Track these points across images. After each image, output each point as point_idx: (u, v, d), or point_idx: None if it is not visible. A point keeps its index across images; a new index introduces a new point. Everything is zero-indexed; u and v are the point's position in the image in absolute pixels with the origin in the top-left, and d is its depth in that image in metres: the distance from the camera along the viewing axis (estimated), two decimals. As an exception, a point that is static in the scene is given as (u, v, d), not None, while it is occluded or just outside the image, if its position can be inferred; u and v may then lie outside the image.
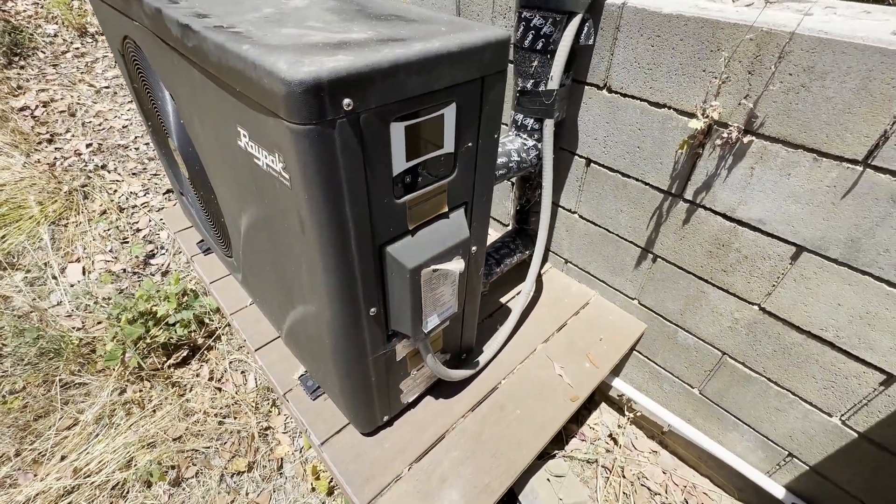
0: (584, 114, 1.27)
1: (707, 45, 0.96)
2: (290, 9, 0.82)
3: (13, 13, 3.80)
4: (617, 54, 1.11)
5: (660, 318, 1.41)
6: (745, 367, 1.25)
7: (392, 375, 1.03)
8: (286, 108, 0.55)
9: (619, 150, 1.24)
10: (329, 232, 0.68)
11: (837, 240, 0.94)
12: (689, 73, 1.01)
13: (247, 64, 0.58)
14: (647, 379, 1.57)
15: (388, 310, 0.87)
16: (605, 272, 1.51)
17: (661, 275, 1.33)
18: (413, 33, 0.69)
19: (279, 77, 0.53)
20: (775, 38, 0.86)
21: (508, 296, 1.58)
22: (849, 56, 0.80)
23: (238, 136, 0.74)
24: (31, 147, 2.72)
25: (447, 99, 0.71)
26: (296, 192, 0.65)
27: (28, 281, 2.05)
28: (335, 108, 0.56)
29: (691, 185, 1.13)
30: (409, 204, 0.76)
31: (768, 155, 0.97)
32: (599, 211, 1.40)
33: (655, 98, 1.10)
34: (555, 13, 1.00)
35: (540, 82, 1.11)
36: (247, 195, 0.87)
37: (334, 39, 0.65)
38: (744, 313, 1.18)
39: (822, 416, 1.14)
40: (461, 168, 0.81)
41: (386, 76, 0.59)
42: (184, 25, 0.72)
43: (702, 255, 1.20)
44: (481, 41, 0.70)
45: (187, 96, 0.91)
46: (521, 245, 1.48)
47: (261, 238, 0.94)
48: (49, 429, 1.61)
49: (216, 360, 1.87)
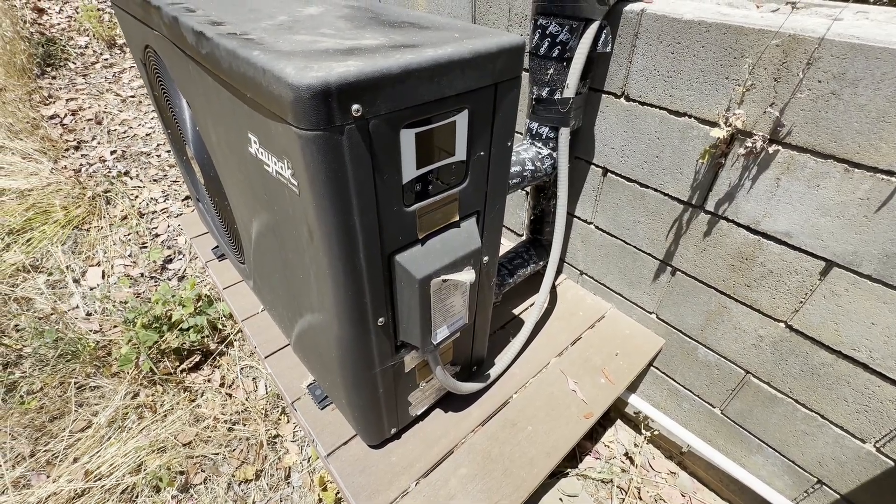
0: (600, 122, 1.24)
1: (730, 52, 0.93)
2: (305, 16, 0.82)
3: (48, 26, 3.97)
4: (635, 62, 1.09)
5: (679, 333, 1.36)
6: (770, 387, 1.19)
7: (400, 387, 1.01)
8: (294, 113, 0.54)
9: (637, 159, 1.21)
10: (337, 240, 0.66)
11: (871, 255, 0.89)
12: (711, 80, 0.98)
13: (256, 69, 0.58)
14: (666, 396, 1.51)
15: (397, 320, 0.86)
16: (621, 285, 1.47)
17: (681, 288, 1.28)
18: (425, 39, 0.68)
19: (287, 82, 0.52)
20: (803, 44, 0.83)
21: (521, 307, 1.55)
22: (883, 62, 0.76)
23: (249, 142, 0.74)
24: (58, 153, 2.81)
25: (459, 106, 0.69)
26: (304, 200, 0.64)
27: (50, 283, 2.10)
28: (344, 113, 0.55)
29: (713, 195, 1.09)
30: (420, 212, 0.74)
31: (796, 165, 0.92)
32: (616, 221, 1.36)
33: (675, 106, 1.06)
34: (571, 20, 0.98)
35: (556, 90, 1.09)
36: (257, 202, 0.87)
37: (345, 45, 0.64)
38: (769, 330, 1.13)
39: (855, 441, 1.08)
40: (473, 176, 0.80)
41: (396, 82, 0.58)
42: (198, 33, 0.72)
43: (724, 269, 1.15)
44: (495, 47, 0.68)
45: (202, 103, 0.92)
46: (534, 255, 1.45)
47: (270, 245, 0.93)
48: (63, 430, 1.62)
49: (228, 365, 1.87)
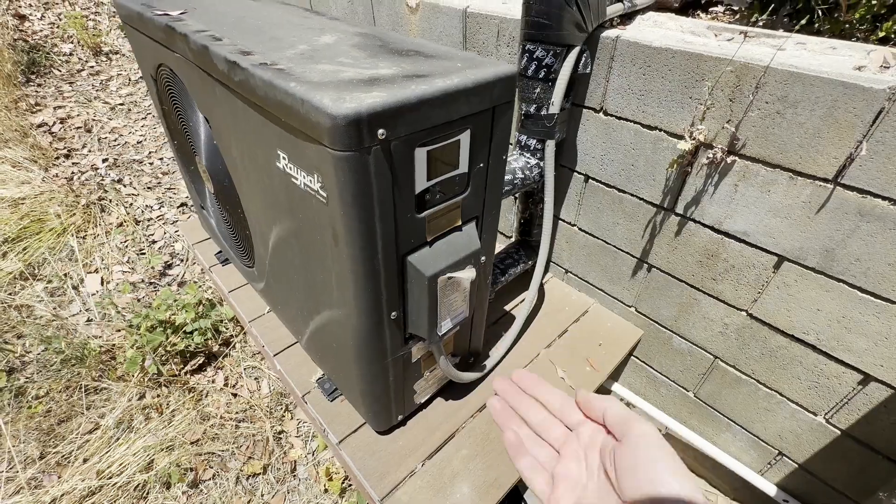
0: (582, 134, 1.37)
1: (692, 75, 1.07)
2: (321, 45, 0.93)
3: (30, 33, 3.94)
4: (612, 81, 1.22)
5: (655, 324, 1.50)
6: (735, 369, 1.33)
7: (408, 376, 1.11)
8: (330, 137, 0.65)
9: (615, 167, 1.34)
10: (360, 244, 0.77)
11: (814, 250, 1.03)
12: (678, 99, 1.11)
13: (294, 99, 0.68)
14: (645, 383, 1.65)
15: (407, 314, 0.96)
16: (603, 281, 1.60)
17: (656, 283, 1.42)
18: (433, 69, 0.79)
19: (326, 112, 0.63)
20: (752, 71, 0.97)
21: (512, 304, 1.67)
22: (816, 88, 0.90)
23: (277, 158, 0.84)
24: (49, 162, 2.82)
25: (463, 126, 0.80)
26: (332, 209, 0.75)
27: (49, 291, 2.13)
28: (371, 137, 0.66)
29: (682, 199, 1.23)
30: (428, 218, 0.85)
31: (750, 174, 1.06)
32: (597, 223, 1.49)
33: (647, 121, 1.20)
34: (556, 46, 1.11)
35: (542, 107, 1.21)
36: (279, 210, 0.96)
37: (366, 76, 0.75)
38: (733, 319, 1.27)
39: (808, 415, 1.22)
40: (474, 186, 0.91)
41: (413, 109, 0.69)
42: (231, 62, 0.82)
43: (693, 265, 1.29)
44: (492, 76, 0.80)
45: (226, 121, 1.01)
46: (524, 256, 1.57)
47: (290, 249, 1.03)
48: (72, 433, 1.67)
49: (231, 366, 1.94)
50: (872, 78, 0.85)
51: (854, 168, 0.91)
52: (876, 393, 1.08)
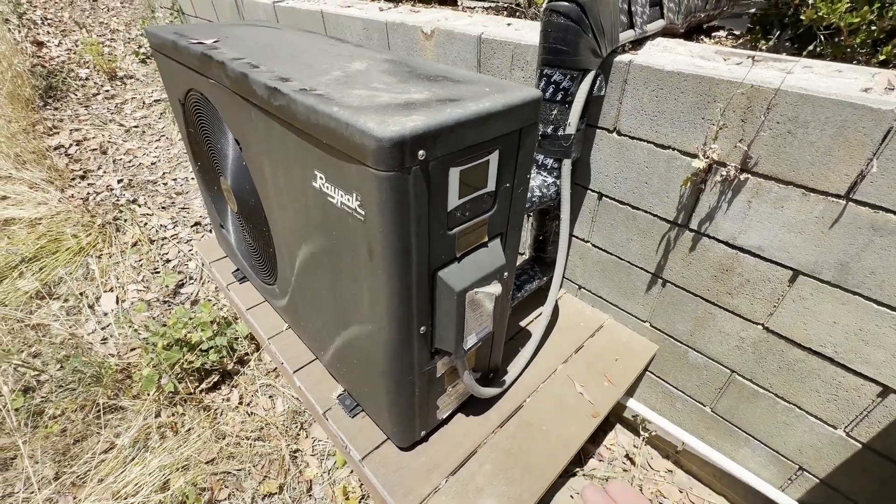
0: (596, 153, 1.42)
1: (704, 98, 1.11)
2: (354, 71, 0.98)
3: (48, 59, 4.06)
4: (625, 103, 1.27)
5: (671, 339, 1.51)
6: (752, 383, 1.35)
7: (432, 391, 1.12)
8: (374, 158, 0.68)
9: (629, 185, 1.38)
10: (396, 260, 0.79)
11: (829, 264, 1.06)
12: (690, 119, 1.16)
13: (339, 123, 0.72)
14: (661, 399, 1.65)
15: (435, 329, 0.98)
16: (617, 296, 1.62)
17: (671, 298, 1.44)
18: (464, 93, 0.83)
19: (372, 135, 0.66)
20: (762, 93, 1.02)
21: (527, 320, 1.69)
22: (826, 109, 0.94)
23: (314, 178, 0.87)
24: (65, 183, 2.87)
25: (493, 147, 0.84)
26: (369, 225, 0.78)
27: (65, 310, 2.15)
28: (412, 158, 0.70)
29: (696, 216, 1.26)
30: (458, 235, 0.88)
31: (763, 190, 1.10)
32: (611, 240, 1.53)
33: (661, 140, 1.24)
34: (572, 70, 1.16)
35: (559, 128, 1.26)
36: (311, 228, 0.99)
37: (401, 100, 0.79)
38: (749, 332, 1.29)
39: (828, 428, 1.23)
40: (500, 204, 0.94)
41: (450, 131, 0.73)
42: (272, 88, 0.86)
43: (708, 280, 1.31)
44: (520, 100, 0.84)
45: (260, 143, 1.05)
46: (539, 272, 1.60)
47: (319, 265, 1.05)
48: (87, 452, 1.66)
49: (245, 384, 1.94)
50: (879, 99, 0.89)
51: (865, 184, 0.95)
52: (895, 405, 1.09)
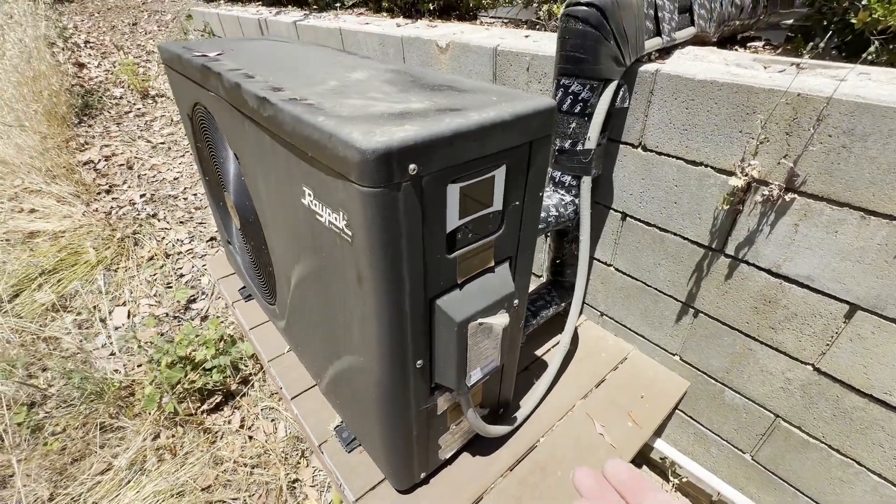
0: (619, 170, 1.31)
1: (742, 109, 1.00)
2: (353, 81, 0.91)
3: (87, 79, 4.25)
4: (651, 116, 1.16)
5: (704, 375, 1.36)
6: (801, 431, 1.18)
7: (432, 430, 1.01)
8: (358, 172, 0.60)
9: (656, 205, 1.26)
10: (386, 286, 0.70)
11: (895, 298, 0.91)
12: (726, 133, 1.04)
13: (322, 133, 0.64)
14: (693, 441, 1.49)
15: (434, 363, 0.88)
16: (643, 326, 1.48)
17: (704, 330, 1.30)
18: (467, 103, 0.75)
19: (355, 146, 0.58)
20: (811, 103, 0.89)
21: (543, 348, 1.56)
22: (890, 119, 0.81)
23: (302, 194, 0.80)
24: (91, 197, 2.94)
25: (498, 162, 0.75)
26: (357, 248, 0.69)
27: (77, 323, 2.15)
28: (402, 172, 0.61)
29: (732, 240, 1.13)
30: (459, 259, 0.79)
31: (812, 212, 0.97)
32: (636, 264, 1.40)
33: (692, 156, 1.13)
34: (592, 80, 1.07)
35: (578, 142, 1.16)
36: (302, 247, 0.92)
37: (397, 110, 0.71)
38: (796, 373, 1.13)
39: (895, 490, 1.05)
40: (508, 225, 0.85)
41: (447, 144, 0.64)
42: (261, 98, 0.80)
43: (747, 312, 1.17)
44: (531, 110, 0.75)
45: (254, 157, 1.00)
46: (556, 297, 1.48)
47: (311, 289, 0.98)
48: (84, 473, 1.62)
49: (248, 406, 1.87)
50: (958, 108, 0.76)
51: (941, 207, 0.81)
52: (983, 469, 0.91)
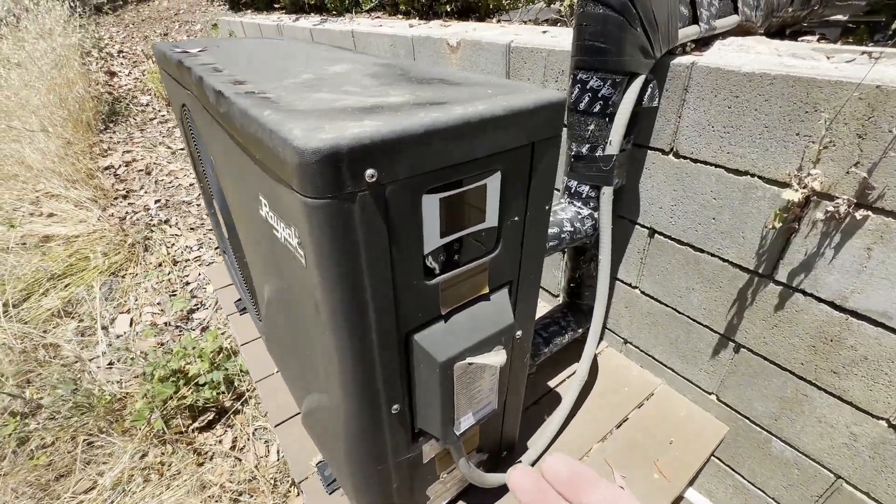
0: (646, 180, 1.14)
1: (800, 107, 0.82)
2: (330, 74, 0.79)
3: (117, 87, 4.36)
4: (686, 117, 1.00)
5: (746, 420, 1.16)
6: (870, 498, 0.97)
7: (418, 481, 0.87)
8: (299, 179, 0.47)
9: (690, 220, 1.08)
10: (345, 319, 0.57)
11: None
12: (778, 136, 0.86)
13: (264, 130, 0.52)
14: (731, 494, 1.28)
15: (415, 406, 0.74)
16: (673, 358, 1.29)
17: (747, 368, 1.10)
18: (455, 96, 0.61)
19: (291, 145, 0.46)
20: (893, 97, 0.71)
21: (557, 379, 1.39)
22: None
23: (260, 204, 0.68)
24: (108, 202, 2.95)
25: (491, 167, 0.61)
26: (310, 271, 0.56)
27: (80, 330, 2.11)
28: (356, 179, 0.48)
29: (784, 264, 0.94)
30: (443, 286, 0.65)
31: (891, 234, 0.78)
32: (666, 287, 1.22)
33: (735, 164, 0.95)
34: (614, 74, 0.91)
35: (597, 147, 1.00)
36: (267, 265, 0.80)
37: (367, 103, 0.58)
38: (865, 428, 0.93)
39: None
40: (506, 244, 0.70)
41: (418, 143, 0.51)
42: (217, 92, 0.69)
43: (802, 350, 0.97)
44: (532, 104, 0.60)
45: (222, 161, 0.89)
46: (573, 322, 1.31)
47: (280, 311, 0.85)
48: (68, 490, 1.54)
49: (241, 425, 1.77)
50: None
51: None
52: None
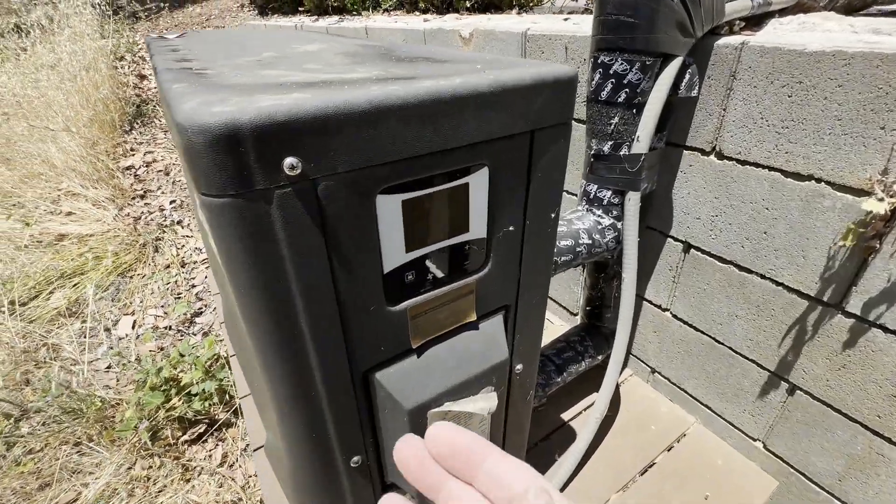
0: (681, 186, 0.97)
1: (886, 92, 0.64)
2: (297, 53, 0.67)
3: (146, 89, 4.45)
4: (732, 109, 0.82)
5: (800, 476, 0.96)
6: None
7: (392, 539, 0.72)
8: (191, 168, 0.34)
9: (734, 234, 0.91)
10: (274, 353, 0.44)
11: None
12: (856, 131, 0.69)
13: (167, 107, 0.39)
14: (779, 561, 1.07)
15: (383, 456, 0.60)
16: (710, 394, 1.10)
17: (804, 415, 0.91)
18: (432, 72, 0.47)
19: (177, 122, 0.33)
20: None
21: (571, 411, 1.22)
22: None
23: (197, 200, 0.56)
24: (125, 201, 2.96)
25: (475, 162, 0.47)
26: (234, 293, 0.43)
27: (83, 331, 2.08)
28: (269, 171, 0.34)
29: (858, 292, 0.75)
30: (412, 312, 0.51)
31: None
32: (703, 312, 1.04)
33: (794, 167, 0.77)
34: (645, 56, 0.75)
35: (622, 144, 0.84)
36: (218, 275, 0.68)
37: (318, 79, 0.45)
38: (966, 505, 0.72)
39: None
40: (498, 259, 0.55)
41: (363, 124, 0.37)
42: (156, 69, 0.58)
43: (879, 399, 0.78)
44: (530, 79, 0.46)
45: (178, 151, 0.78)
46: (591, 347, 1.14)
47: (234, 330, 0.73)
48: (51, 501, 1.48)
49: (233, 440, 1.67)
50: None
51: None
52: None
